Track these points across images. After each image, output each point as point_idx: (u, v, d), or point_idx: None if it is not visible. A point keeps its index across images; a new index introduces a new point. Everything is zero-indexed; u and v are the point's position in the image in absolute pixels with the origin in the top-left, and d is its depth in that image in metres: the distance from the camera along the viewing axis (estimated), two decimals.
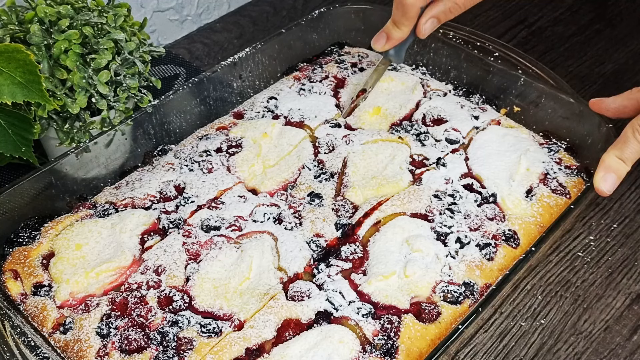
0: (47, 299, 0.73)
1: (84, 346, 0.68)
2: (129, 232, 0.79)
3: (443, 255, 0.76)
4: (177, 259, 0.76)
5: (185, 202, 0.83)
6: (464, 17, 1.39)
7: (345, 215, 0.81)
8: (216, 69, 0.98)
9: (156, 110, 0.92)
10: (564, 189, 0.84)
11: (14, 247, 0.78)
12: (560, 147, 0.90)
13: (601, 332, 0.83)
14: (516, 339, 0.82)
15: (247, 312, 0.70)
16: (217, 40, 1.33)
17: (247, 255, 0.75)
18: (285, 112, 0.96)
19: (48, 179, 0.83)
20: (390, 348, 0.67)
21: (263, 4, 1.43)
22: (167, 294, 0.72)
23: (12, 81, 0.78)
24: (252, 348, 0.67)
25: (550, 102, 0.93)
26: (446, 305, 0.72)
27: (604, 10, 1.41)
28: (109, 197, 0.85)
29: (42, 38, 0.85)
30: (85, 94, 0.88)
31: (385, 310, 0.71)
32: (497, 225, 0.80)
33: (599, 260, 0.91)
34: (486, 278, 0.75)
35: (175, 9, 1.28)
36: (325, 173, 0.86)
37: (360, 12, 1.09)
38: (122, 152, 0.90)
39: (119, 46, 0.92)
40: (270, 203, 0.83)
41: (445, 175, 0.85)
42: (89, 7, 0.92)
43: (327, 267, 0.75)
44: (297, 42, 1.07)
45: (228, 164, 0.89)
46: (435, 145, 0.90)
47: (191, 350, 0.67)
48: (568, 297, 0.87)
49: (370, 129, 0.93)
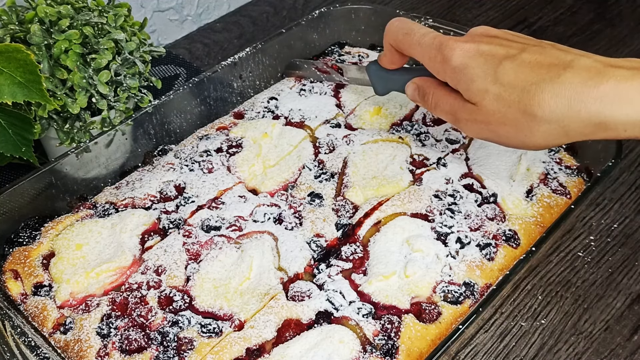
0: (48, 299, 0.73)
1: (84, 346, 0.68)
2: (129, 232, 0.79)
3: (443, 255, 0.76)
4: (177, 259, 0.76)
5: (185, 202, 0.83)
6: (465, 17, 1.40)
7: (346, 215, 0.81)
8: (216, 69, 0.98)
9: (156, 110, 0.92)
10: (564, 189, 0.84)
11: (14, 247, 0.78)
12: (561, 147, 0.90)
13: (601, 332, 0.83)
14: (517, 339, 0.82)
15: (247, 312, 0.70)
16: (217, 40, 1.33)
17: (247, 255, 0.75)
18: (286, 112, 0.96)
19: (48, 179, 0.83)
20: (391, 348, 0.67)
21: (263, 4, 1.43)
22: (168, 294, 0.72)
23: (12, 81, 0.78)
24: (252, 348, 0.67)
25: None
26: (446, 305, 0.72)
27: (604, 10, 1.41)
28: (109, 197, 0.85)
29: (43, 38, 0.85)
30: (86, 94, 0.88)
31: (385, 310, 0.71)
32: (497, 225, 0.80)
33: (600, 260, 0.91)
34: (486, 278, 0.75)
35: (175, 9, 1.28)
36: (326, 173, 0.86)
37: (360, 12, 1.09)
38: (122, 152, 0.90)
39: (119, 46, 0.92)
40: (270, 203, 0.83)
41: (446, 175, 0.85)
42: (89, 7, 0.92)
43: (327, 267, 0.75)
44: (297, 42, 1.07)
45: (228, 164, 0.89)
46: (435, 145, 0.90)
47: (191, 350, 0.67)
48: (568, 297, 0.87)
49: (370, 129, 0.93)
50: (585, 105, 0.61)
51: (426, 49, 0.73)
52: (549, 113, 0.63)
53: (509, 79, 0.65)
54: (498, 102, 0.66)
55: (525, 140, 0.67)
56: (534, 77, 0.64)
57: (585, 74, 0.62)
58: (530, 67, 0.65)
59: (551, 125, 0.63)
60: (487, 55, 0.67)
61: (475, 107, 0.69)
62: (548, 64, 0.64)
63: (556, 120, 0.63)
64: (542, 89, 0.63)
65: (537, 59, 0.65)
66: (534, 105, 0.63)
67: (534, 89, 0.63)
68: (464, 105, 0.70)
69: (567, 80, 0.62)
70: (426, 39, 0.73)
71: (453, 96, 0.72)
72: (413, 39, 0.75)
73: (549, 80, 0.63)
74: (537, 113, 0.63)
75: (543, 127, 0.64)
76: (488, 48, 0.68)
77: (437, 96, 0.75)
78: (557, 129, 0.64)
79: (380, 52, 1.10)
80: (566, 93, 0.62)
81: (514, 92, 0.65)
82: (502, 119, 0.66)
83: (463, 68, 0.68)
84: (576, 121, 0.62)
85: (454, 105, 0.72)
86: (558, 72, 0.63)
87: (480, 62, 0.67)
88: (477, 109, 0.68)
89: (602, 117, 0.61)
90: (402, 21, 0.78)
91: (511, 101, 0.65)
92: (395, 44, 0.78)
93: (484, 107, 0.67)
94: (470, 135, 0.74)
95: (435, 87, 0.75)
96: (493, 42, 0.69)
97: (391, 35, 0.78)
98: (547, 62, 0.65)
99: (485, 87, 0.66)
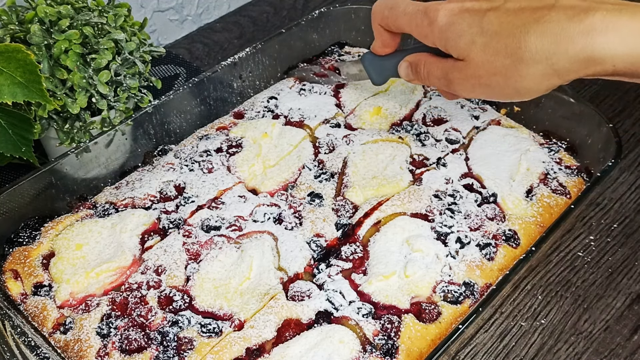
0: (48, 299, 0.73)
1: (84, 346, 0.68)
2: (129, 232, 0.79)
3: (443, 255, 0.76)
4: (177, 259, 0.76)
5: (185, 202, 0.83)
6: None
7: (346, 215, 0.81)
8: (216, 69, 0.98)
9: (156, 110, 0.92)
10: (564, 189, 0.84)
11: (14, 247, 0.78)
12: (561, 147, 0.90)
13: (601, 332, 0.83)
14: (516, 338, 0.82)
15: (247, 312, 0.70)
16: (217, 40, 1.33)
17: (247, 255, 0.76)
18: (286, 112, 0.96)
19: (48, 179, 0.83)
20: (391, 348, 0.67)
21: (263, 4, 1.43)
22: (168, 294, 0.72)
23: (12, 81, 0.78)
24: (252, 348, 0.67)
25: (551, 102, 0.93)
26: (446, 305, 0.72)
27: None
28: (109, 197, 0.85)
29: (43, 38, 0.85)
30: (86, 94, 0.88)
31: (385, 310, 0.71)
32: (497, 225, 0.80)
33: (600, 260, 0.91)
34: (486, 278, 0.75)
35: (175, 9, 1.28)
36: (326, 173, 0.86)
37: (360, 12, 1.09)
38: (122, 152, 0.90)
39: (119, 46, 0.92)
40: (270, 203, 0.83)
41: (446, 175, 0.85)
42: (89, 7, 0.92)
43: (327, 267, 0.75)
44: (297, 42, 1.07)
45: (228, 164, 0.89)
46: (435, 145, 0.90)
47: (191, 350, 0.67)
48: (568, 297, 0.87)
49: (370, 129, 0.93)
50: (572, 40, 0.61)
51: (412, 17, 0.73)
52: (535, 53, 0.63)
53: (494, 27, 0.65)
54: (485, 52, 0.66)
55: (517, 87, 0.67)
56: (518, 21, 0.64)
57: (570, 12, 0.62)
58: (514, 13, 0.65)
59: (539, 65, 0.63)
60: (471, 10, 0.68)
61: (464, 63, 0.69)
62: (532, 7, 0.64)
63: (544, 60, 0.63)
64: (527, 30, 0.63)
65: (521, 4, 0.65)
66: (520, 48, 0.63)
67: (519, 32, 0.63)
68: (454, 65, 0.71)
69: (553, 19, 0.62)
70: (411, 7, 0.74)
71: (443, 60, 0.73)
72: (399, 11, 0.75)
73: (533, 22, 0.63)
74: (524, 55, 0.63)
75: (532, 68, 0.64)
76: (471, 4, 0.68)
77: (428, 65, 0.75)
78: (546, 69, 0.63)
79: None
80: (552, 31, 0.62)
81: (500, 40, 0.65)
82: (491, 69, 0.66)
83: (450, 25, 0.68)
84: (564, 58, 0.62)
85: (444, 67, 0.72)
86: (542, 13, 0.63)
87: (465, 17, 0.68)
88: (466, 64, 0.69)
89: (589, 51, 0.61)
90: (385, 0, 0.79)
91: (498, 48, 0.65)
92: (383, 21, 0.78)
93: (473, 60, 0.68)
94: (465, 95, 0.74)
95: (425, 57, 0.76)
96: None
97: (377, 14, 0.79)
98: (531, 6, 0.65)
99: (472, 39, 0.67)
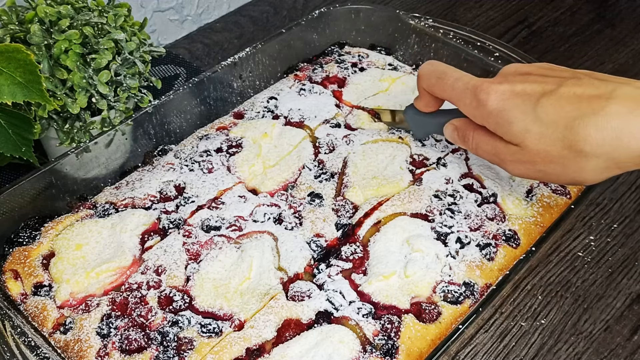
0: (48, 299, 0.73)
1: (84, 346, 0.68)
2: (129, 232, 0.79)
3: (443, 255, 0.76)
4: (177, 259, 0.76)
5: (185, 202, 0.83)
6: (464, 17, 1.40)
7: (346, 215, 0.81)
8: (216, 69, 0.98)
9: (156, 110, 0.92)
10: (564, 189, 0.84)
11: (14, 247, 0.78)
12: None
13: (601, 332, 0.83)
14: (516, 339, 0.82)
15: (247, 312, 0.70)
16: (217, 40, 1.33)
17: (247, 255, 0.76)
18: (285, 112, 0.96)
19: (48, 179, 0.83)
20: (391, 348, 0.67)
21: (263, 4, 1.43)
22: (168, 294, 0.72)
23: (12, 81, 0.78)
24: (252, 348, 0.67)
25: None
26: (446, 305, 0.72)
27: (604, 10, 1.41)
28: (109, 197, 0.85)
29: (43, 38, 0.85)
30: (86, 94, 0.88)
31: (385, 310, 0.71)
32: (497, 225, 0.80)
33: (600, 260, 0.91)
34: (486, 278, 0.75)
35: (175, 9, 1.28)
36: (326, 173, 0.86)
37: (360, 12, 1.09)
38: (122, 152, 0.90)
39: (119, 46, 0.92)
40: (270, 203, 0.83)
41: (446, 175, 0.85)
42: (89, 7, 0.92)
43: (327, 267, 0.75)
44: (297, 42, 1.07)
45: (228, 164, 0.89)
46: (435, 145, 0.90)
47: (191, 350, 0.67)
48: (568, 297, 0.87)
49: (370, 129, 0.93)
50: (635, 136, 0.59)
51: (460, 94, 0.71)
52: (597, 148, 0.60)
53: (550, 116, 0.63)
54: (541, 141, 0.64)
55: (575, 177, 0.65)
56: (575, 112, 0.61)
57: (630, 104, 0.59)
58: (570, 102, 0.62)
59: (600, 159, 0.61)
60: (523, 95, 0.65)
61: (518, 148, 0.67)
62: (588, 96, 0.62)
63: (605, 154, 0.61)
64: (586, 123, 0.60)
65: (576, 91, 0.63)
66: (579, 142, 0.61)
67: (577, 124, 0.61)
68: (506, 147, 0.68)
69: (612, 112, 0.59)
70: (459, 83, 0.71)
71: (494, 137, 0.70)
72: (446, 83, 0.73)
73: (592, 114, 0.60)
74: (585, 149, 0.61)
75: (592, 162, 0.62)
76: (523, 87, 0.65)
77: (478, 138, 0.72)
78: (607, 163, 0.61)
79: (380, 51, 1.10)
80: (612, 125, 0.59)
81: (556, 130, 0.62)
82: (547, 157, 0.64)
83: (500, 111, 0.66)
84: (626, 154, 0.60)
85: (495, 147, 0.70)
86: (601, 104, 0.60)
87: (517, 102, 0.65)
88: (520, 149, 0.66)
89: None
90: (433, 65, 0.76)
91: (555, 139, 0.62)
92: (429, 88, 0.76)
93: (527, 148, 0.65)
94: (517, 175, 0.71)
95: (474, 128, 0.73)
96: (527, 80, 0.67)
97: (424, 80, 0.77)
98: (587, 94, 0.62)
99: (525, 127, 0.64)
